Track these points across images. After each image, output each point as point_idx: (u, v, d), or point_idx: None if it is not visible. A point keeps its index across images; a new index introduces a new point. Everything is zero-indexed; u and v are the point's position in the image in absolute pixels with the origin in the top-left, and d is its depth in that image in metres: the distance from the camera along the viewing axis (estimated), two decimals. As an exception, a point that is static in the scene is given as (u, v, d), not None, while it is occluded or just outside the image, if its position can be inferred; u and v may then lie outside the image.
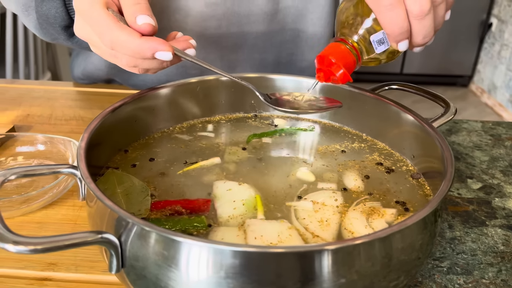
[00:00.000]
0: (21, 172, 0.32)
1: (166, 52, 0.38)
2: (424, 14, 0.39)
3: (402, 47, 0.41)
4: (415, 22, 0.39)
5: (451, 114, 0.45)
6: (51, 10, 0.52)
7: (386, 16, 0.38)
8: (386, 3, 0.38)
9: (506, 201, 0.52)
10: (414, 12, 0.38)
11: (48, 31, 0.56)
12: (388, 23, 0.39)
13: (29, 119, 0.64)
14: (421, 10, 0.38)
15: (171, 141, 0.47)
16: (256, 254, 0.27)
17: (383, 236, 0.28)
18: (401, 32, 0.39)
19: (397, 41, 0.40)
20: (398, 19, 0.38)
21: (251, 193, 0.39)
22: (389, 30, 0.39)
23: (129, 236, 0.28)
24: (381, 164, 0.45)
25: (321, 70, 0.42)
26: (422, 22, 0.39)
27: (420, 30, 0.40)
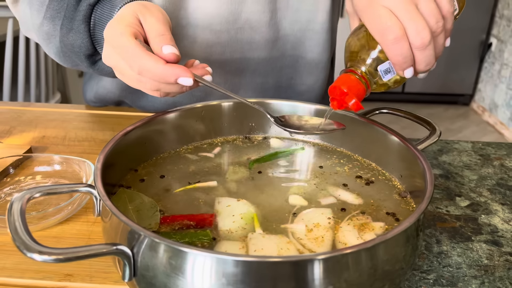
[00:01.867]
0: (44, 190, 0.36)
1: (188, 78, 0.43)
2: (425, 45, 0.43)
3: (408, 74, 0.45)
4: (418, 52, 0.43)
5: (436, 137, 0.49)
6: (77, 40, 0.55)
7: (391, 48, 0.43)
8: (391, 37, 0.42)
9: (492, 218, 0.55)
10: (416, 44, 0.43)
11: (71, 59, 0.60)
12: (394, 54, 0.43)
13: (45, 140, 0.68)
14: (422, 43, 0.43)
15: (178, 161, 0.51)
16: (254, 263, 0.30)
17: (368, 247, 0.32)
18: (406, 62, 0.44)
19: (403, 69, 0.44)
20: (402, 50, 0.43)
21: (249, 208, 0.42)
22: (394, 60, 0.43)
23: (141, 247, 0.32)
24: (372, 182, 0.49)
25: (334, 99, 0.46)
26: (424, 52, 0.43)
27: (422, 59, 0.44)
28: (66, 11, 0.56)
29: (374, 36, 0.43)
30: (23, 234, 0.31)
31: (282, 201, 0.45)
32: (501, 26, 3.24)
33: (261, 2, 0.67)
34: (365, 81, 0.45)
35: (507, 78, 3.12)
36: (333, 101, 0.46)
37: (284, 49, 0.73)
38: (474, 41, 3.39)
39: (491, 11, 3.30)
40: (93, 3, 0.54)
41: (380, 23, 0.42)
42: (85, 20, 0.54)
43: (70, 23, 0.55)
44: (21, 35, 1.66)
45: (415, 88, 3.52)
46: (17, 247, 0.30)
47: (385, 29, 0.42)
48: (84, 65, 0.59)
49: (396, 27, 0.42)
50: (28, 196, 0.35)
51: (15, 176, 0.56)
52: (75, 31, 0.55)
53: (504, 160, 0.69)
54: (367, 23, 0.44)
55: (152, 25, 0.46)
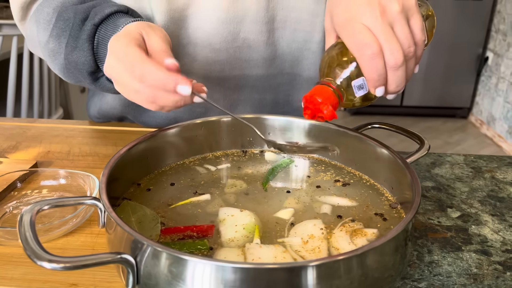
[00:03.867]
0: (53, 203, 0.38)
1: (187, 86, 0.44)
2: (398, 66, 0.46)
3: (379, 93, 0.48)
4: (391, 72, 0.46)
5: (425, 150, 0.51)
6: (81, 58, 0.58)
7: (367, 64, 0.45)
8: (368, 53, 0.45)
9: (482, 228, 0.57)
10: (390, 63, 0.46)
11: (74, 75, 0.62)
12: (369, 70, 0.46)
13: (50, 155, 0.70)
14: (396, 63, 0.46)
15: (178, 175, 0.53)
16: (251, 270, 0.32)
17: (358, 253, 0.34)
18: (379, 79, 0.46)
19: (375, 86, 0.47)
20: (377, 67, 0.45)
21: (251, 219, 0.44)
22: (369, 76, 0.46)
23: (143, 256, 0.34)
24: (365, 194, 0.51)
25: (308, 108, 0.49)
26: (397, 72, 0.46)
27: (394, 80, 0.47)
28: (71, 30, 0.59)
29: (352, 51, 0.46)
30: (33, 244, 0.33)
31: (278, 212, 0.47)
32: (497, 40, 3.29)
33: (259, 23, 0.70)
34: (338, 94, 0.47)
35: (504, 92, 3.16)
36: (307, 110, 0.48)
37: (282, 67, 0.76)
38: (471, 55, 3.44)
39: (487, 26, 3.36)
40: (97, 23, 0.57)
41: (359, 38, 0.45)
42: (89, 39, 0.57)
43: (75, 42, 0.58)
44: (25, 53, 1.70)
45: (413, 101, 3.56)
46: (28, 256, 0.32)
47: (363, 45, 0.45)
48: (87, 82, 0.61)
49: (373, 44, 0.44)
50: (37, 208, 0.37)
51: (22, 190, 0.58)
52: (79, 49, 0.58)
53: (495, 173, 0.71)
54: (345, 38, 0.47)
55: (155, 42, 0.49)
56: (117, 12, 0.58)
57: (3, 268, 0.46)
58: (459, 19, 3.34)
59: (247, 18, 0.69)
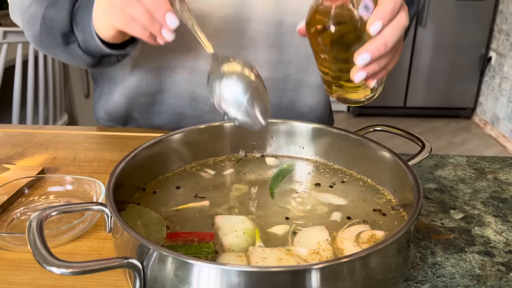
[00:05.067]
0: (61, 209, 0.39)
1: (175, 19, 0.48)
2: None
3: (373, 30, 0.45)
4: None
5: (426, 152, 0.51)
6: (58, 15, 0.60)
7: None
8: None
9: (485, 229, 0.58)
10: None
11: (48, 39, 0.63)
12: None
13: (56, 161, 0.71)
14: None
15: (182, 179, 0.54)
16: (256, 273, 0.33)
17: (362, 256, 0.34)
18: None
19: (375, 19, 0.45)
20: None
21: (249, 224, 0.45)
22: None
23: (150, 260, 0.35)
24: (368, 197, 0.51)
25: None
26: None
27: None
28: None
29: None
30: (43, 249, 0.34)
31: (282, 217, 0.48)
32: (500, 40, 3.28)
33: (266, 24, 0.70)
34: None
35: (507, 91, 3.15)
36: None
37: (288, 72, 0.76)
38: (474, 56, 3.44)
39: (489, 26, 3.35)
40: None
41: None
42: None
43: (56, 1, 0.61)
44: (30, 59, 1.72)
45: (416, 102, 3.56)
46: (37, 261, 0.33)
47: None
48: (58, 44, 0.63)
49: None
50: (45, 214, 0.38)
51: (29, 196, 0.59)
52: (59, 7, 0.60)
53: (498, 174, 0.72)
54: None
55: None
56: None
57: (12, 273, 0.47)
58: (461, 19, 3.33)
59: (253, 17, 0.70)
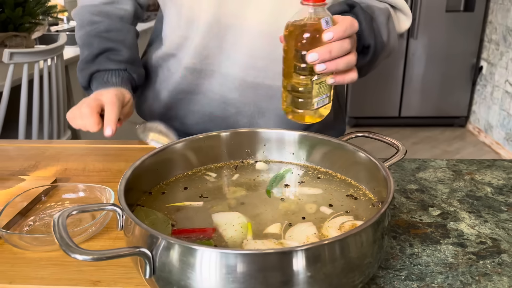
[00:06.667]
0: (80, 208, 0.45)
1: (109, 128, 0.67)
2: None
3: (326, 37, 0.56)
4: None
5: (402, 154, 0.57)
6: (80, 78, 0.83)
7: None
8: None
9: (459, 224, 0.64)
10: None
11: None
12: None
13: (67, 172, 0.77)
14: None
15: (184, 183, 0.60)
16: (248, 255, 0.39)
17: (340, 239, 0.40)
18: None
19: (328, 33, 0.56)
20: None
21: (244, 220, 0.51)
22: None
23: (158, 249, 0.41)
24: (351, 195, 0.57)
25: None
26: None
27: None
28: (85, 56, 0.82)
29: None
30: (68, 240, 0.40)
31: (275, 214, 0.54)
32: (490, 50, 3.37)
33: None
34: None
35: (499, 99, 3.22)
36: None
37: None
38: (466, 65, 3.53)
39: (479, 36, 3.45)
40: (101, 69, 0.81)
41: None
42: (90, 75, 0.81)
43: (83, 65, 0.82)
44: (35, 79, 1.79)
45: (411, 112, 3.63)
46: (64, 250, 0.39)
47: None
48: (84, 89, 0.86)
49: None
50: (67, 213, 0.44)
51: (46, 203, 0.65)
52: (82, 73, 0.82)
53: (474, 175, 0.78)
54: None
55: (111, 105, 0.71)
56: (117, 69, 0.81)
57: (33, 269, 0.53)
58: (452, 30, 3.43)
59: None
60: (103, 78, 0.81)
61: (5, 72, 1.73)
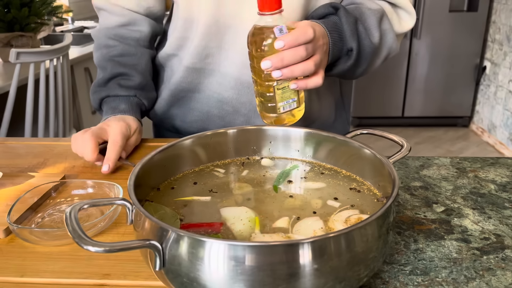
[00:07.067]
0: (91, 203, 0.46)
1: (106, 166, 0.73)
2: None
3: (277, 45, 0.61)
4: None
5: (406, 151, 0.58)
6: (92, 101, 0.89)
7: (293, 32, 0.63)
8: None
9: (463, 220, 0.64)
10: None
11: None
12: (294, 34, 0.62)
13: (75, 169, 0.79)
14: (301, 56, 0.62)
15: (193, 179, 0.61)
16: (255, 247, 0.40)
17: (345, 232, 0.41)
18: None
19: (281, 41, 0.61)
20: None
21: (251, 214, 0.52)
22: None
23: (168, 241, 0.42)
24: (356, 190, 0.58)
25: None
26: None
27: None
28: (99, 79, 0.88)
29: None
30: (80, 232, 0.41)
31: (282, 209, 0.54)
32: (494, 50, 3.37)
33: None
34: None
35: (503, 99, 3.22)
36: None
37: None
38: (469, 65, 3.53)
39: (483, 36, 3.45)
40: (111, 95, 0.86)
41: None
42: (101, 99, 0.87)
43: (96, 88, 0.88)
44: (41, 79, 1.80)
45: (414, 112, 3.63)
46: (76, 242, 0.40)
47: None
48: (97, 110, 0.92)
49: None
50: (79, 206, 0.45)
51: (56, 199, 0.66)
52: (95, 96, 0.88)
53: (478, 172, 0.78)
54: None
55: (114, 134, 0.77)
56: (127, 96, 0.86)
57: (44, 263, 0.54)
58: (455, 30, 3.43)
59: None
60: (112, 103, 0.85)
61: (11, 72, 1.75)
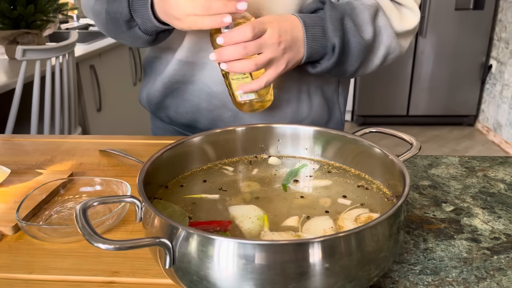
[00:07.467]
0: (100, 200, 0.46)
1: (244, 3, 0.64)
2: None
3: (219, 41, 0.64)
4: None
5: (416, 150, 0.58)
6: (119, 8, 0.73)
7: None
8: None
9: (473, 220, 0.64)
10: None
11: (113, 27, 0.78)
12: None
13: (83, 166, 0.79)
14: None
15: (201, 177, 0.61)
16: (266, 246, 0.39)
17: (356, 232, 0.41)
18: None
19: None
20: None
21: (260, 212, 0.51)
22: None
23: (178, 239, 0.41)
24: (366, 188, 0.58)
25: None
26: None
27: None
28: None
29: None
30: (90, 230, 0.40)
31: (291, 207, 0.54)
32: (500, 49, 3.35)
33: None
34: None
35: (509, 98, 3.20)
36: None
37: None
38: (475, 64, 3.51)
39: (489, 35, 3.43)
40: None
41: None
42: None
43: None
44: (47, 76, 1.80)
45: (419, 111, 3.62)
46: (87, 239, 0.40)
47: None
48: (123, 30, 0.77)
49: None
50: (89, 204, 0.44)
51: (64, 196, 0.66)
52: (118, 2, 0.74)
53: (487, 171, 0.78)
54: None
55: None
56: None
57: (53, 260, 0.54)
58: (461, 29, 3.41)
59: None
60: None
61: (17, 69, 1.75)
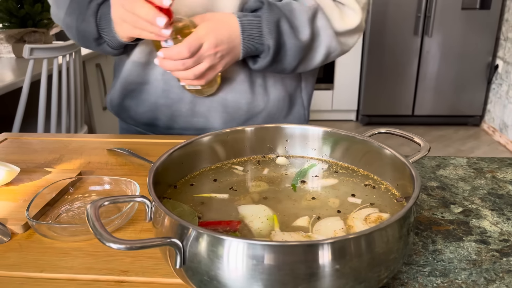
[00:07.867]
0: (111, 199, 0.46)
1: (163, 18, 0.68)
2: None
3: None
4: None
5: (425, 151, 0.58)
6: (87, 28, 0.81)
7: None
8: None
9: (482, 221, 0.63)
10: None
11: (84, 41, 0.85)
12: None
13: (91, 165, 0.79)
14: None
15: (208, 176, 0.61)
16: (275, 247, 0.39)
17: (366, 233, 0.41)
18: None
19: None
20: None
21: (269, 212, 0.52)
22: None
23: (189, 239, 0.41)
24: (373, 187, 0.58)
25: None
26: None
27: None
28: (80, 9, 0.81)
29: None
30: (101, 229, 0.41)
31: (301, 208, 0.54)
32: (506, 48, 3.33)
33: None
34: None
35: (515, 99, 3.18)
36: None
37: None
38: (481, 64, 3.49)
39: (495, 34, 3.41)
40: (100, 2, 0.79)
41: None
42: (93, 14, 0.79)
43: (83, 16, 0.81)
44: (54, 74, 1.81)
45: (424, 111, 3.60)
46: (98, 239, 0.40)
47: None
48: (92, 46, 0.85)
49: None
50: (100, 203, 0.45)
51: (73, 195, 0.66)
52: (86, 21, 0.80)
53: (496, 173, 0.77)
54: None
55: None
56: None
57: (63, 259, 0.54)
58: (467, 28, 3.39)
59: None
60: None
61: (24, 68, 1.76)
